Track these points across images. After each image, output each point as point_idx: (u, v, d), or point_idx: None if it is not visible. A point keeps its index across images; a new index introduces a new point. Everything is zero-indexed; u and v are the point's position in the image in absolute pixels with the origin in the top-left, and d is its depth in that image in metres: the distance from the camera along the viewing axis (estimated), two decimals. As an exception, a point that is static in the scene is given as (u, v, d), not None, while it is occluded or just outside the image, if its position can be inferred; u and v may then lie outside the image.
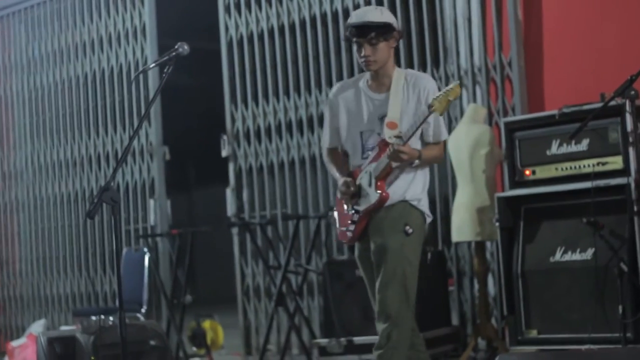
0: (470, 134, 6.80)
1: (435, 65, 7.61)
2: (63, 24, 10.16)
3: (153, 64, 4.52)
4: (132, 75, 9.48)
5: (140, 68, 9.27)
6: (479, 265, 6.93)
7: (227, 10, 8.81)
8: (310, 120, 8.34)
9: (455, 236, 6.89)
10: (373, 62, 4.83)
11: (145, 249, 8.61)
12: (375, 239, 4.82)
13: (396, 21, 4.89)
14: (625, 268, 5.68)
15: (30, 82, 10.51)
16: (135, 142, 9.33)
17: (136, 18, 9.47)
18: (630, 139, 5.67)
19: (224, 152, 8.83)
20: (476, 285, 7.13)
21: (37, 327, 9.19)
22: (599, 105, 5.72)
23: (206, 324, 8.94)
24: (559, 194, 6.12)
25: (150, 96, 9.19)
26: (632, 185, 5.59)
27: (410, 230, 4.77)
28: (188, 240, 8.29)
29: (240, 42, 8.76)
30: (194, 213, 19.19)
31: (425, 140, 4.88)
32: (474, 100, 7.32)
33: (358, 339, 6.87)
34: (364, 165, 4.89)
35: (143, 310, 8.26)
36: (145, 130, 9.31)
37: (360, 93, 4.95)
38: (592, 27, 6.94)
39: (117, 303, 4.96)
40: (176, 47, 4.42)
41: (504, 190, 6.67)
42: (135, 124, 9.41)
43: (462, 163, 6.81)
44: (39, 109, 10.42)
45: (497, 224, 6.36)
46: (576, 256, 6.06)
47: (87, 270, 9.92)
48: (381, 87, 4.91)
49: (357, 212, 4.90)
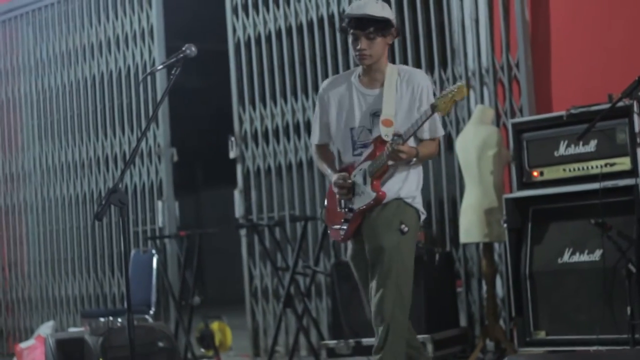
0: (478, 136, 6.79)
1: (443, 66, 7.60)
2: (71, 26, 10.17)
3: (161, 66, 4.52)
4: (140, 77, 9.48)
5: (148, 70, 9.28)
6: (487, 266, 6.92)
7: (235, 11, 8.81)
8: (317, 122, 8.33)
9: (463, 237, 6.88)
10: (368, 57, 4.74)
11: (154, 251, 8.61)
12: (370, 239, 4.76)
13: (394, 17, 4.82)
14: (633, 269, 5.66)
15: (38, 84, 10.52)
16: (143, 144, 9.33)
17: (144, 20, 9.48)
18: (638, 140, 5.67)
19: (232, 154, 8.82)
20: (484, 287, 7.11)
21: (46, 329, 9.19)
22: (607, 106, 5.71)
23: (214, 326, 8.92)
24: (567, 195, 6.10)
25: (158, 98, 9.19)
26: (640, 186, 5.59)
27: (405, 229, 4.71)
28: (196, 241, 8.29)
29: (247, 44, 8.77)
30: (202, 215, 19.20)
31: (420, 137, 4.78)
32: (482, 101, 7.31)
33: (366, 340, 6.84)
34: (357, 162, 4.81)
35: (151, 311, 8.26)
36: (153, 132, 9.32)
37: (352, 88, 4.86)
38: (600, 27, 6.92)
39: (125, 305, 4.95)
40: (184, 48, 4.43)
41: (511, 192, 6.65)
42: (143, 126, 9.41)
43: (470, 164, 6.80)
44: (46, 111, 10.43)
45: (505, 225, 6.35)
46: (584, 257, 6.04)
47: (96, 272, 9.92)
48: (373, 82, 4.83)
49: (351, 210, 4.82)
